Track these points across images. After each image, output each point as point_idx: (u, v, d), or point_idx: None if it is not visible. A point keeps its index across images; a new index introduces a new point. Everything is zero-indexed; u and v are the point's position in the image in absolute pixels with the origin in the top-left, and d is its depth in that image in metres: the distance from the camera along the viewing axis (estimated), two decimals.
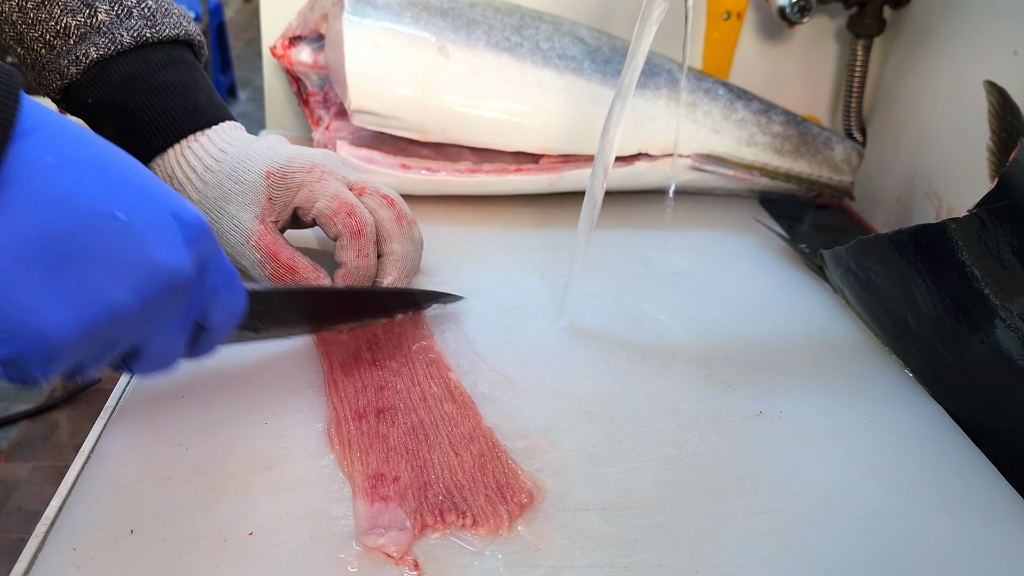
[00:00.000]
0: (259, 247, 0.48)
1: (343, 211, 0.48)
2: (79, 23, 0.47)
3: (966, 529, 0.39)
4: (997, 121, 0.51)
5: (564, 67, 0.64)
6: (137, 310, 0.30)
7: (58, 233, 0.28)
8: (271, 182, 0.48)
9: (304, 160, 0.49)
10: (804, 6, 0.70)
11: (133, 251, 0.30)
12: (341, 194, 0.48)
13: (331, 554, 0.35)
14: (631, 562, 0.36)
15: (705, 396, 0.47)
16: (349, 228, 0.48)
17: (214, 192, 0.49)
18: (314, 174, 0.49)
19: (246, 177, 0.48)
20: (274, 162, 0.48)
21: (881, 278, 0.51)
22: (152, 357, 0.34)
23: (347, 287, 0.49)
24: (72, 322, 0.28)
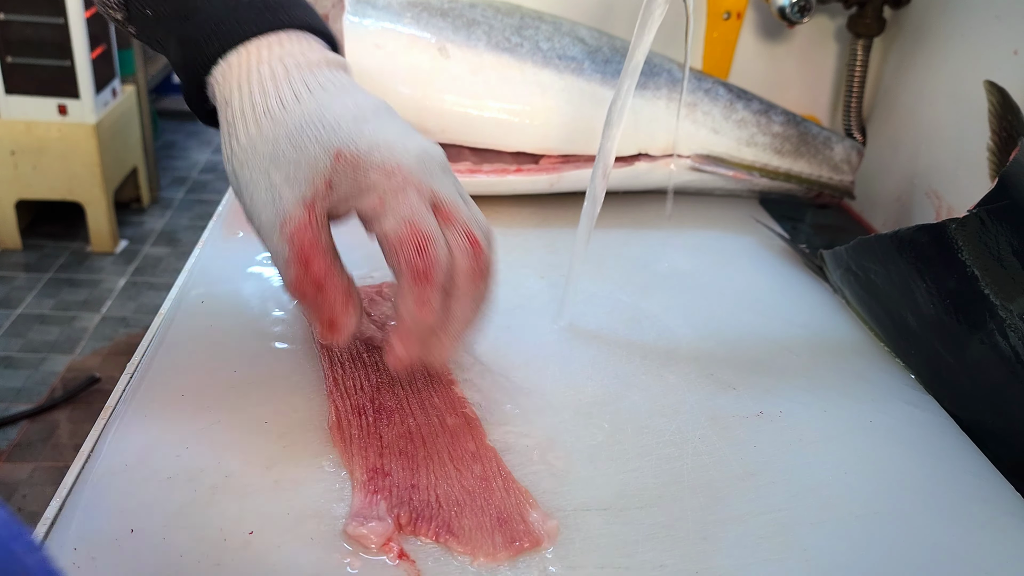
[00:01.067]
0: (292, 240, 0.37)
1: (412, 243, 0.37)
2: None
3: (966, 529, 0.39)
4: (997, 121, 0.51)
5: (564, 67, 0.64)
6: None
7: None
8: (339, 165, 0.37)
9: (390, 155, 0.37)
10: (804, 6, 0.70)
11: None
12: (417, 220, 0.37)
13: (331, 554, 0.35)
14: (631, 562, 0.36)
15: (705, 396, 0.47)
16: (413, 268, 0.37)
17: (265, 147, 0.37)
18: (394, 180, 0.37)
19: (308, 146, 0.37)
20: (352, 141, 0.37)
21: (881, 278, 0.51)
22: None
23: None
24: None
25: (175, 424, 0.41)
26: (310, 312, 0.38)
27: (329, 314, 0.38)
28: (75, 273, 1.92)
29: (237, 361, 0.45)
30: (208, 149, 2.71)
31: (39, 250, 1.99)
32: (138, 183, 2.21)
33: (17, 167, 1.85)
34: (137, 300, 1.84)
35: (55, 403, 1.52)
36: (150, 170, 2.25)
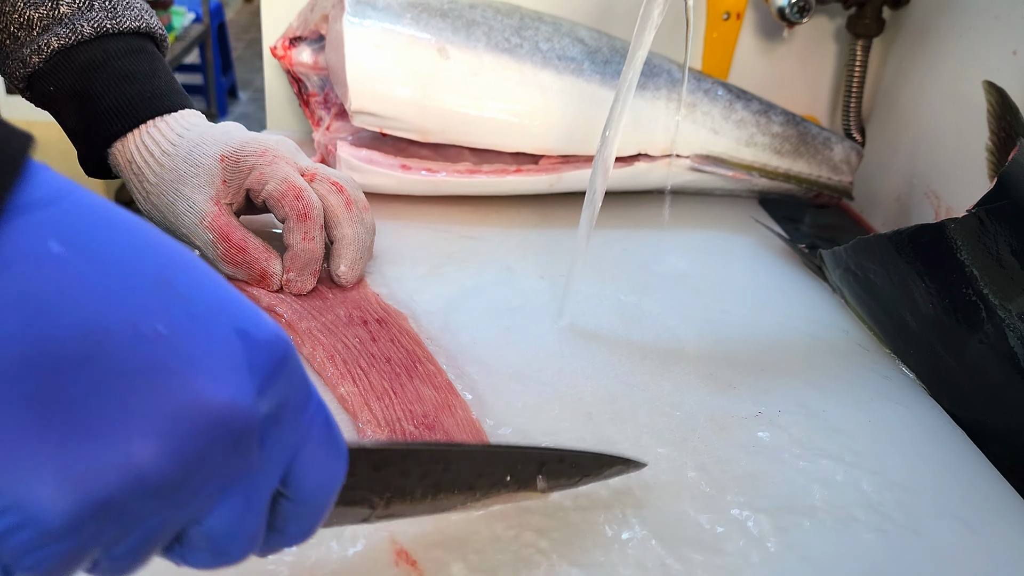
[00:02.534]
0: (212, 228, 0.49)
1: (291, 194, 0.49)
2: (42, 15, 0.48)
3: (966, 529, 0.39)
4: (996, 121, 0.51)
5: (564, 68, 0.64)
6: (174, 475, 0.20)
7: (58, 356, 0.18)
8: (225, 165, 0.49)
9: (257, 144, 0.50)
10: (803, 6, 0.71)
11: (167, 383, 0.20)
12: (290, 177, 0.49)
13: (331, 554, 0.35)
14: (631, 562, 0.36)
15: (705, 396, 0.47)
16: (296, 211, 0.49)
17: (170, 175, 0.50)
18: (266, 158, 0.50)
19: (201, 160, 0.49)
20: (228, 146, 0.50)
21: (880, 278, 0.51)
22: (213, 544, 0.23)
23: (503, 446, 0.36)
24: (75, 494, 0.19)
25: None
26: (244, 273, 0.50)
27: (258, 269, 0.50)
28: None
29: None
30: None
31: None
32: None
33: None
34: None
35: None
36: None
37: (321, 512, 0.25)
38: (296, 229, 0.49)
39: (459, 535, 0.36)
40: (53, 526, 0.18)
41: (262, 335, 0.22)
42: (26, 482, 0.18)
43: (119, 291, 0.20)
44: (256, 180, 0.49)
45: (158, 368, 0.19)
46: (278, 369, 0.22)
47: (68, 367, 0.19)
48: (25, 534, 0.18)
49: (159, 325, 0.20)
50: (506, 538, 0.36)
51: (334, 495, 0.25)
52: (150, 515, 0.20)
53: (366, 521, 0.29)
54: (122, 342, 0.19)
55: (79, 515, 0.19)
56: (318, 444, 0.24)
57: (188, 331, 0.20)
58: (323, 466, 0.25)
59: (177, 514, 0.21)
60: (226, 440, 0.20)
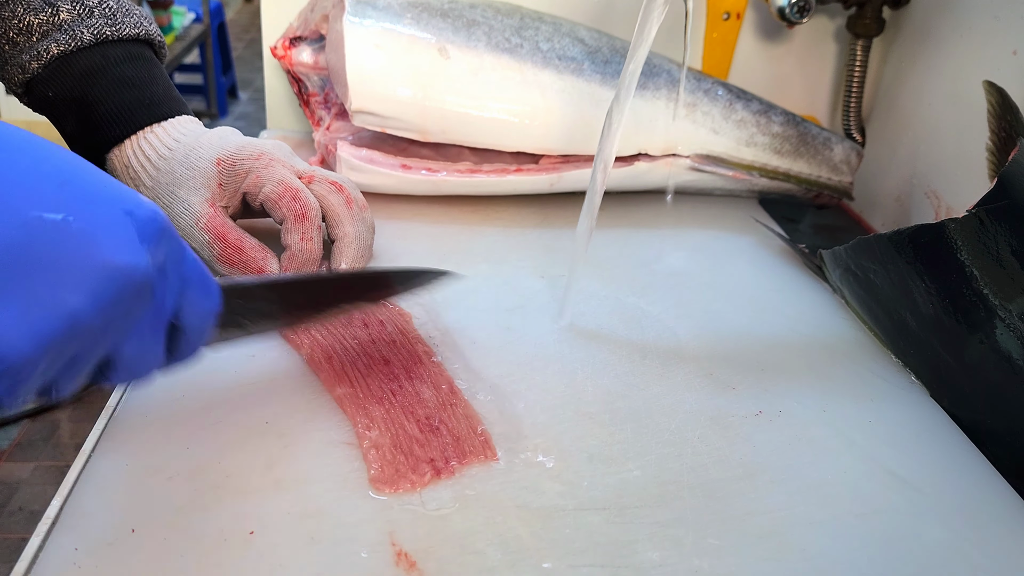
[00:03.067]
0: (208, 229, 0.49)
1: (288, 195, 0.49)
2: (41, 21, 0.49)
3: (965, 529, 0.39)
4: (996, 121, 0.51)
5: (564, 68, 0.64)
6: (97, 317, 0.28)
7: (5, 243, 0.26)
8: (221, 168, 0.50)
9: (254, 148, 0.51)
10: (803, 6, 0.71)
11: (84, 254, 0.27)
12: (287, 180, 0.50)
13: (332, 553, 0.35)
14: (631, 562, 0.36)
15: (705, 396, 0.47)
16: (293, 211, 0.49)
17: (166, 179, 0.50)
18: (262, 161, 0.50)
19: (197, 164, 0.50)
20: (224, 150, 0.50)
21: (880, 278, 0.51)
22: (128, 366, 0.32)
23: (329, 273, 0.49)
24: (29, 336, 0.26)
25: (176, 424, 0.41)
26: (240, 273, 0.50)
27: (254, 268, 0.50)
28: None
29: (237, 361, 0.45)
30: None
31: None
32: None
33: None
34: None
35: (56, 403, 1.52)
36: None
37: (203, 336, 0.35)
38: (294, 230, 0.50)
39: (459, 535, 0.36)
40: (17, 360, 0.26)
41: (144, 213, 0.29)
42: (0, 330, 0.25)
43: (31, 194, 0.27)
44: (253, 184, 0.50)
45: (76, 245, 0.27)
46: (159, 236, 0.30)
47: (14, 250, 0.26)
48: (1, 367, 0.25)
49: (70, 215, 0.27)
50: (505, 539, 0.36)
51: (212, 322, 0.35)
52: (83, 349, 0.29)
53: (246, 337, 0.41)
54: (46, 230, 0.27)
55: (35, 351, 0.26)
56: (195, 286, 0.33)
57: (91, 216, 0.28)
58: (201, 301, 0.34)
59: (101, 346, 0.29)
60: (130, 289, 0.29)
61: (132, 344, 0.31)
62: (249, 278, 0.43)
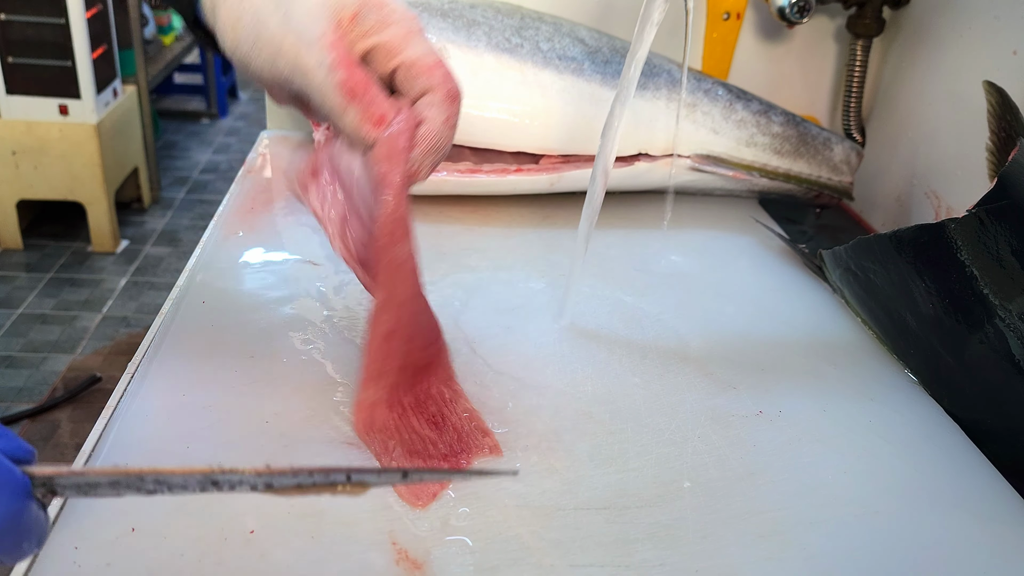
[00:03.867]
0: (334, 47, 0.38)
1: (443, 68, 0.40)
2: None
3: (966, 529, 0.39)
4: (996, 121, 0.51)
5: (564, 68, 0.64)
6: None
7: None
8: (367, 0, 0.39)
9: (403, 4, 0.41)
10: (803, 6, 0.71)
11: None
12: (440, 55, 0.41)
13: (332, 553, 0.35)
14: (631, 562, 0.36)
15: (705, 396, 0.47)
16: (446, 88, 0.40)
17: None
18: (417, 23, 0.41)
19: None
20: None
21: (880, 278, 0.51)
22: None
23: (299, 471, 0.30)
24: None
25: (176, 423, 0.41)
26: (359, 111, 0.39)
27: (378, 109, 0.39)
28: (76, 273, 1.92)
29: (237, 361, 0.45)
30: (208, 149, 2.71)
31: (40, 250, 1.99)
32: (139, 183, 2.21)
33: (18, 167, 1.85)
34: (138, 300, 1.84)
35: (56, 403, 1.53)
36: (151, 170, 2.25)
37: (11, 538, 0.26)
38: (442, 107, 0.40)
39: (459, 535, 0.36)
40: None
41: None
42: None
43: None
44: (399, 36, 0.39)
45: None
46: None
47: None
48: None
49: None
50: (505, 539, 0.36)
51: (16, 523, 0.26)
52: None
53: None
54: None
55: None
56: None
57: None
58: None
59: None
60: None
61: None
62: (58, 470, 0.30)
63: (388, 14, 0.39)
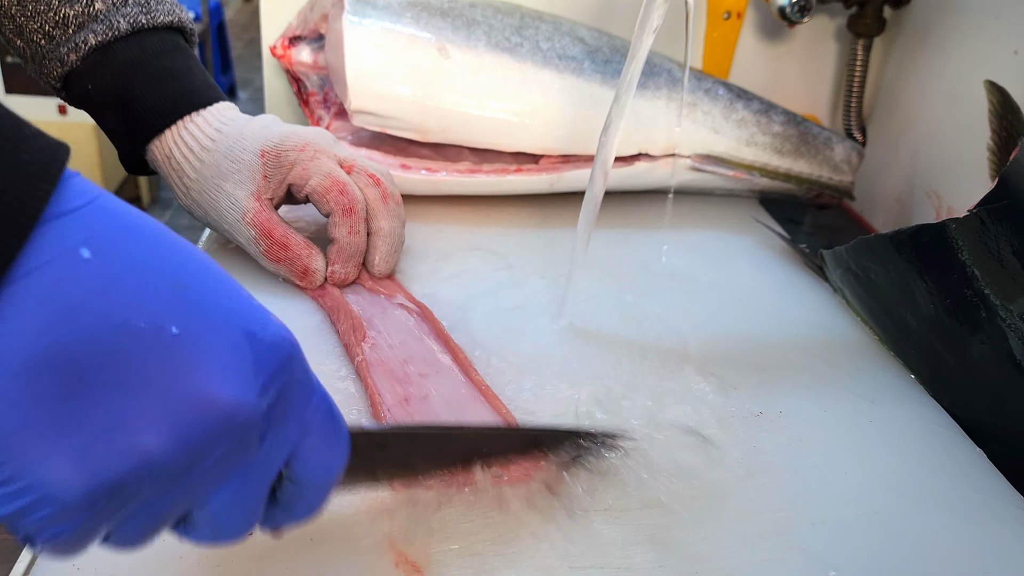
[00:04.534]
0: (254, 224, 0.50)
1: (335, 189, 0.50)
2: (77, 12, 0.48)
3: (966, 529, 0.39)
4: (997, 121, 0.51)
5: (564, 67, 0.64)
6: (179, 461, 0.22)
7: (80, 353, 0.20)
8: (266, 160, 0.50)
9: (297, 139, 0.51)
10: (804, 6, 0.70)
11: (179, 380, 0.22)
12: (333, 173, 0.50)
13: (332, 555, 0.35)
14: (631, 562, 0.36)
15: (706, 396, 0.47)
16: (341, 206, 0.50)
17: (211, 171, 0.50)
18: (307, 152, 0.50)
19: (242, 156, 0.50)
20: (268, 141, 0.50)
21: (881, 278, 0.51)
22: (214, 523, 0.25)
23: (491, 427, 0.41)
24: (88, 475, 0.21)
25: None
26: (287, 270, 0.51)
27: (300, 265, 0.51)
28: None
29: None
30: None
31: None
32: (138, 183, 2.21)
33: None
34: None
35: None
36: None
37: (324, 493, 0.28)
38: (342, 224, 0.50)
39: (459, 537, 0.36)
40: (68, 504, 0.21)
41: (269, 337, 0.24)
42: (46, 464, 0.20)
43: (139, 294, 0.21)
44: (299, 176, 0.50)
45: (170, 366, 0.21)
46: (282, 369, 0.24)
47: (89, 363, 0.20)
48: (43, 510, 0.21)
49: (174, 326, 0.22)
50: (505, 539, 0.36)
51: (335, 479, 0.28)
52: (157, 497, 0.22)
53: (375, 487, 0.36)
54: (139, 341, 0.21)
55: (92, 495, 0.21)
56: (320, 435, 0.26)
57: (200, 332, 0.22)
58: (324, 454, 0.27)
59: (182, 497, 0.23)
60: (229, 434, 0.22)
61: (222, 499, 0.24)
62: (390, 426, 0.38)
63: (284, 161, 0.50)
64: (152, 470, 0.22)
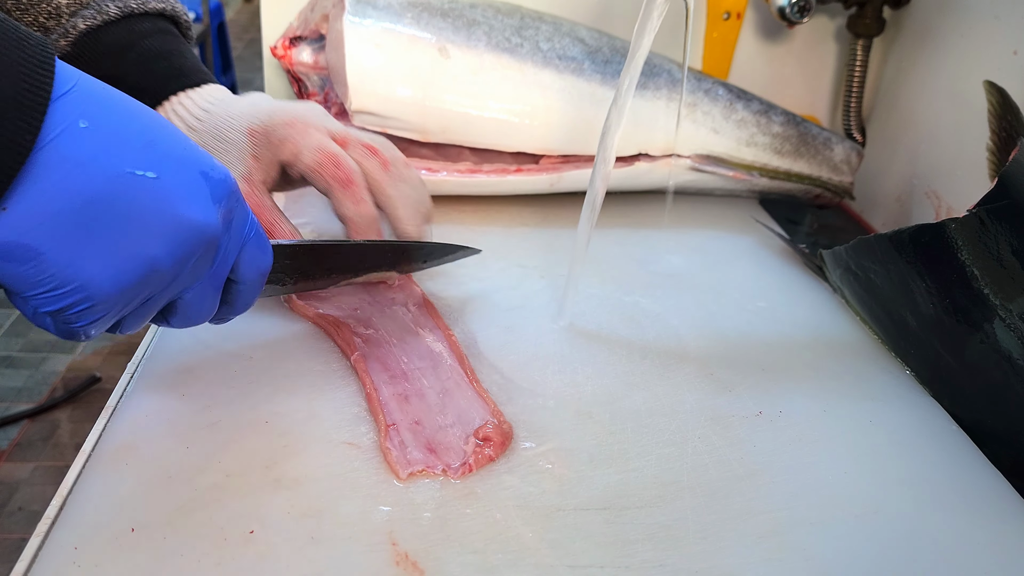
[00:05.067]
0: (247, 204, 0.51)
1: (329, 163, 0.48)
2: (70, 2, 0.48)
3: (966, 529, 0.39)
4: (997, 121, 0.51)
5: (564, 68, 0.64)
6: (171, 266, 0.32)
7: (91, 194, 0.29)
8: (254, 140, 0.48)
9: (286, 114, 0.49)
10: (804, 6, 0.71)
11: (165, 210, 0.31)
12: (325, 146, 0.48)
13: (332, 554, 0.35)
14: (631, 562, 0.36)
15: (705, 396, 0.47)
16: (338, 179, 0.48)
17: None
18: (296, 127, 0.48)
19: (229, 135, 0.49)
20: (256, 118, 0.49)
21: (881, 278, 0.51)
22: (188, 312, 0.35)
23: (367, 241, 0.48)
24: (112, 279, 0.30)
25: (176, 423, 0.41)
26: None
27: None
28: None
29: (237, 361, 0.45)
30: None
31: None
32: None
33: None
34: None
35: (56, 402, 1.53)
36: None
37: (257, 290, 0.39)
38: (344, 198, 0.48)
39: (459, 535, 0.36)
40: (101, 299, 0.30)
41: (217, 175, 0.33)
42: (84, 272, 0.30)
43: (123, 151, 0.30)
44: (289, 152, 0.48)
45: (158, 201, 0.31)
46: (229, 198, 0.34)
47: (102, 200, 0.29)
48: (83, 304, 0.30)
49: (151, 171, 0.31)
50: (505, 539, 0.36)
51: (264, 278, 0.38)
52: (153, 293, 0.32)
53: (284, 292, 0.46)
54: (131, 184, 0.30)
55: (117, 292, 0.31)
56: (253, 245, 0.37)
57: (170, 175, 0.31)
58: (257, 259, 0.37)
59: (169, 292, 0.33)
60: (201, 243, 0.32)
61: (195, 293, 0.35)
62: (294, 241, 0.45)
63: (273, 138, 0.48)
64: (154, 273, 0.31)
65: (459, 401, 0.43)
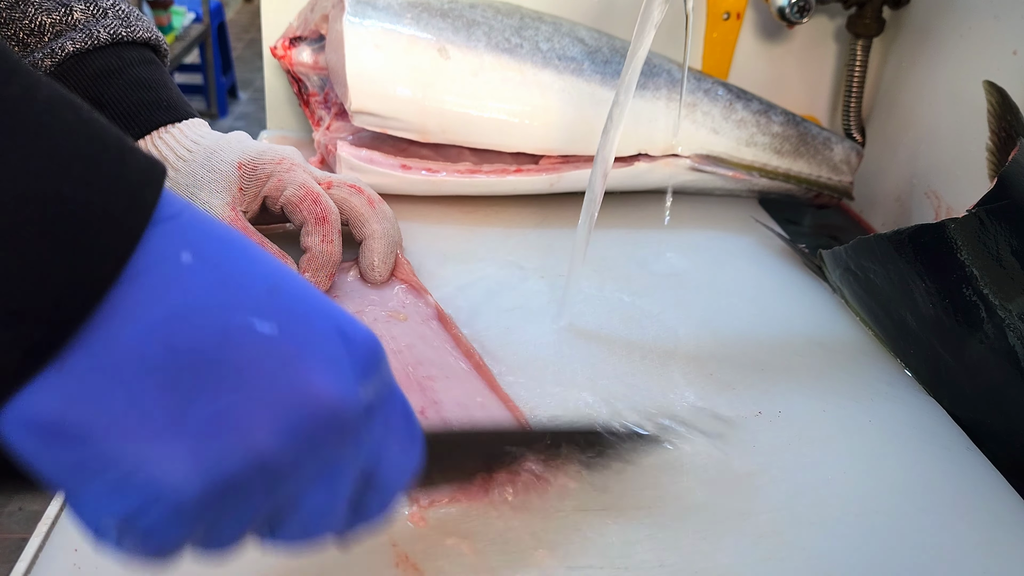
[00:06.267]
0: None
1: (309, 199, 0.51)
2: (55, 21, 0.48)
3: (965, 529, 0.39)
4: (996, 121, 0.51)
5: (564, 68, 0.64)
6: (287, 457, 0.22)
7: (190, 350, 0.21)
8: (243, 172, 0.50)
9: (274, 153, 0.52)
10: (803, 6, 0.71)
11: (286, 378, 0.22)
12: (307, 183, 0.51)
13: (332, 554, 0.35)
14: (631, 562, 0.36)
15: (705, 396, 0.47)
16: (314, 215, 0.50)
17: (186, 180, 0.50)
18: (283, 165, 0.51)
19: (219, 166, 0.50)
20: (246, 153, 0.51)
21: (880, 278, 0.51)
22: (304, 523, 0.24)
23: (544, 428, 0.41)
24: (203, 472, 0.21)
25: None
26: None
27: None
28: None
29: None
30: None
31: None
32: None
33: None
34: None
35: None
36: None
37: (397, 496, 0.27)
38: (315, 232, 0.50)
39: (459, 536, 0.36)
40: (185, 503, 0.20)
41: (360, 335, 0.24)
42: (162, 465, 0.20)
43: (239, 297, 0.22)
44: (274, 187, 0.51)
45: (275, 363, 0.22)
46: (374, 366, 0.24)
47: (201, 362, 0.21)
48: (157, 511, 0.20)
49: (274, 325, 0.22)
50: (506, 539, 0.36)
51: (410, 482, 0.27)
52: (261, 493, 0.22)
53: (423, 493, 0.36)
54: (243, 341, 0.21)
55: (207, 494, 0.21)
56: (400, 435, 0.26)
57: (298, 331, 0.22)
58: (402, 455, 0.27)
59: (280, 494, 0.23)
60: (333, 429, 0.23)
61: (317, 496, 0.24)
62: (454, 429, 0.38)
63: (260, 173, 0.51)
64: (263, 466, 0.21)
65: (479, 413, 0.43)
